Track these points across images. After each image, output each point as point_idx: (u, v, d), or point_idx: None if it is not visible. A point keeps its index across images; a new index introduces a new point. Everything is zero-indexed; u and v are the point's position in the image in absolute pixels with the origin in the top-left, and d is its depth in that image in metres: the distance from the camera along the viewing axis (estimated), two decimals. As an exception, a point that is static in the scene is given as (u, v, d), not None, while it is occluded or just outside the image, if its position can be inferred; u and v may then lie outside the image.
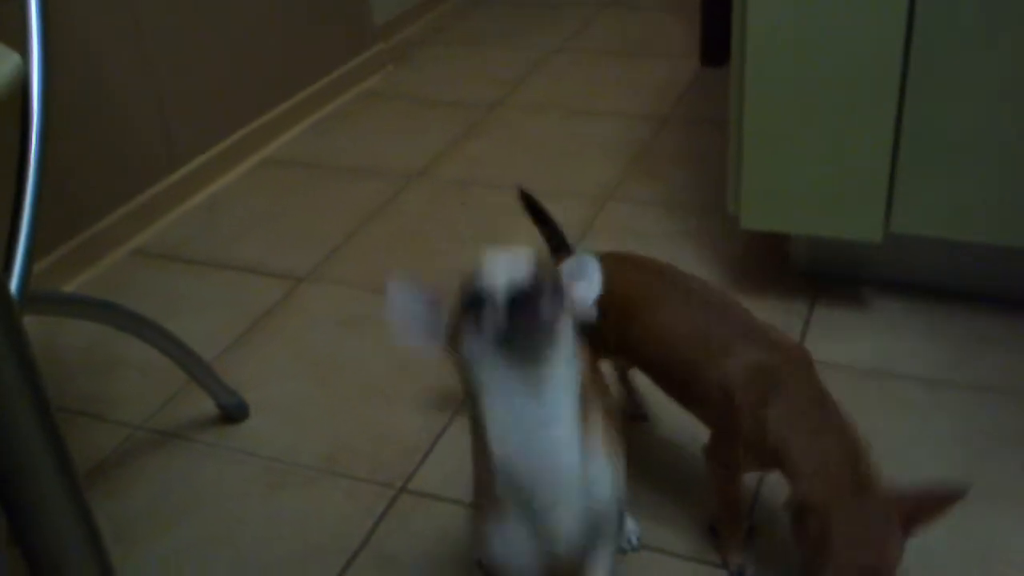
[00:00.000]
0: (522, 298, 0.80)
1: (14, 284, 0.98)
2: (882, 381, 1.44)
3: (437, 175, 2.15)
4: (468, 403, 0.89)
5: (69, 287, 1.81)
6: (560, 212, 1.36)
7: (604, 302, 0.90)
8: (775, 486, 1.18)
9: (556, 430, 0.85)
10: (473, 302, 0.82)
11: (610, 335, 1.15)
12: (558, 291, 0.84)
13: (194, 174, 2.11)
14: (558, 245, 1.31)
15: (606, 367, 1.25)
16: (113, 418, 1.49)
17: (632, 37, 2.87)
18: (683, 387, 1.14)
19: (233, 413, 1.46)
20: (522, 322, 0.81)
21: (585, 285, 0.89)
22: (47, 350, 1.64)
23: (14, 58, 1.08)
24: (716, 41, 2.44)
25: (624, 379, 1.38)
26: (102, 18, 1.86)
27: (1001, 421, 1.35)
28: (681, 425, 1.29)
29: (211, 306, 1.74)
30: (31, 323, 0.65)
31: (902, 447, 1.32)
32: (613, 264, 0.98)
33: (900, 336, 1.52)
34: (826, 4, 1.36)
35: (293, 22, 2.39)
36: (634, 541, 1.21)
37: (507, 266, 0.83)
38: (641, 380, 1.30)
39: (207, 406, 1.46)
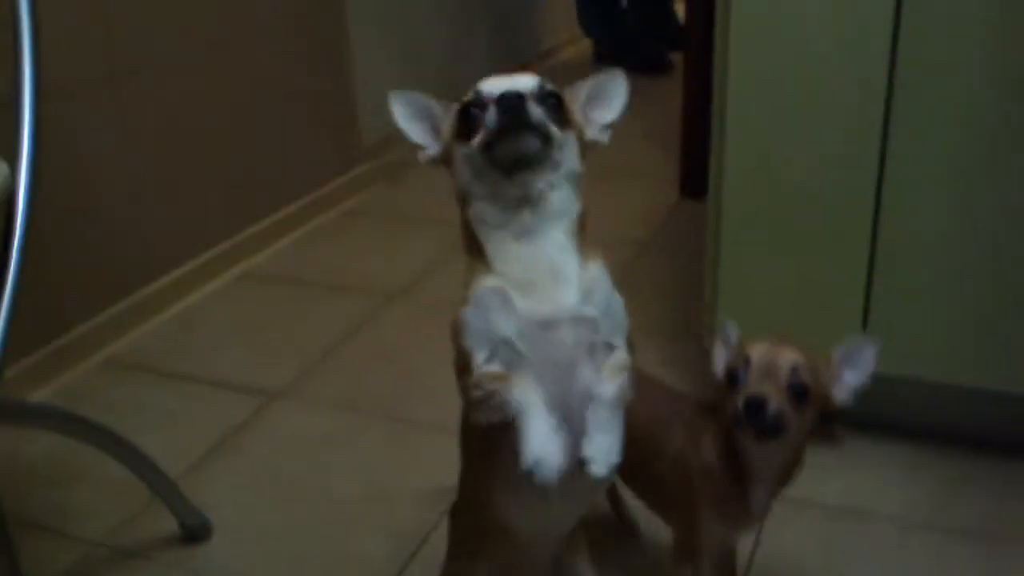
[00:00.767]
0: (513, 99, 0.83)
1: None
2: (854, 522, 1.42)
3: (419, 294, 2.16)
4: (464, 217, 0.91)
5: (37, 395, 1.78)
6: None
7: None
8: None
9: (552, 236, 0.88)
10: (467, 106, 0.87)
11: None
12: (556, 102, 0.88)
13: (172, 285, 2.11)
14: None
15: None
16: (72, 533, 1.45)
17: (614, 164, 2.92)
18: (640, 467, 1.07)
19: (196, 533, 1.42)
20: (511, 122, 0.83)
21: (605, 104, 0.94)
22: (8, 458, 1.61)
23: (2, 168, 1.09)
24: (695, 174, 2.50)
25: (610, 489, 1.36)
26: (91, 131, 1.89)
27: (978, 566, 1.33)
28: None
29: (180, 420, 1.72)
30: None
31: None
32: None
33: (873, 476, 1.51)
34: (800, 146, 1.40)
35: (282, 139, 2.43)
36: None
37: (507, 81, 0.87)
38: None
39: (169, 524, 1.42)
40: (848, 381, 1.00)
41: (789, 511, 1.43)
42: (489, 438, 0.90)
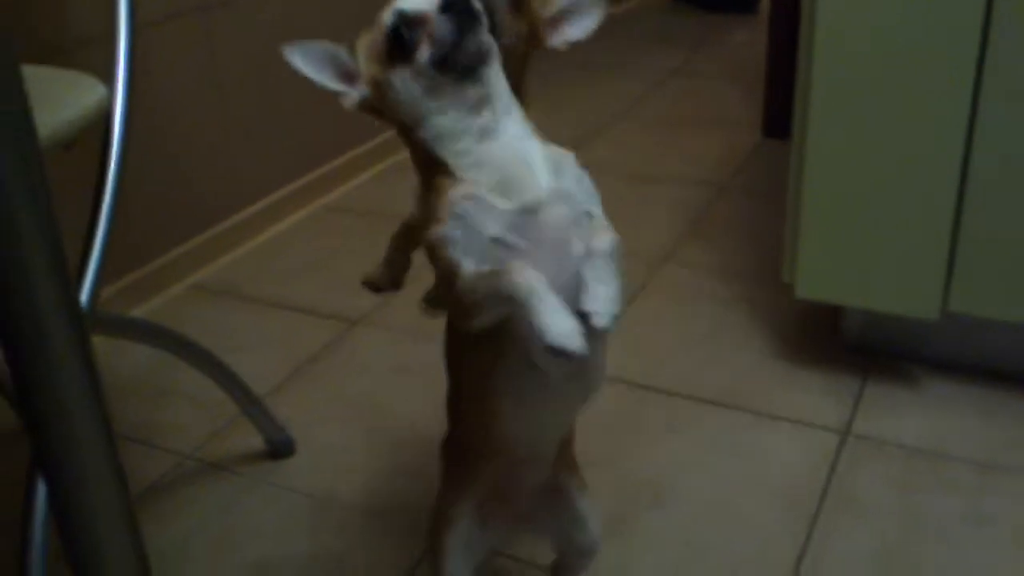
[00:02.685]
0: (461, 2, 0.82)
1: (83, 300, 1.02)
2: (932, 461, 1.41)
3: (494, 230, 2.18)
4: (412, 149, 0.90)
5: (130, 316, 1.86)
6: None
7: None
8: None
9: (510, 128, 0.87)
10: (395, 30, 0.84)
11: None
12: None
13: (258, 215, 2.17)
14: None
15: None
16: (162, 446, 1.52)
17: (696, 106, 2.89)
18: None
19: (279, 449, 1.48)
20: (465, 25, 0.82)
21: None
22: (101, 375, 1.68)
23: (101, 89, 1.13)
24: (779, 113, 2.46)
25: None
26: (181, 59, 1.94)
27: (1056, 511, 1.32)
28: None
29: (265, 344, 1.78)
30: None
31: (947, 528, 1.29)
32: None
33: (952, 417, 1.50)
34: (890, 80, 1.37)
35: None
36: None
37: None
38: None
39: (254, 440, 1.48)
40: (567, 32, 0.97)
41: (866, 449, 1.44)
42: (484, 344, 0.88)
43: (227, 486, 1.44)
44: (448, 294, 0.87)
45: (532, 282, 0.80)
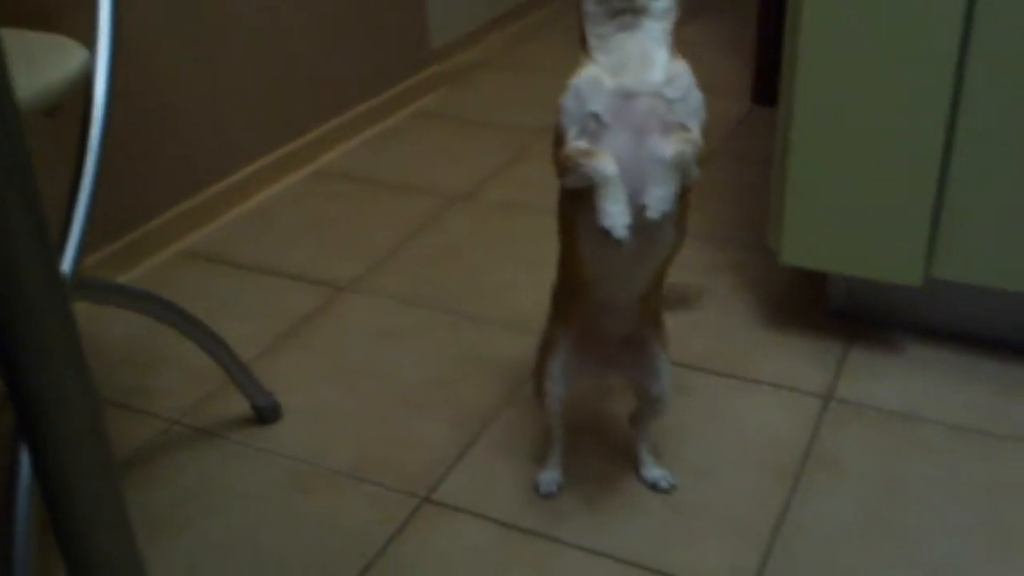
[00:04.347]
0: None
1: (66, 266, 1.02)
2: (911, 425, 1.43)
3: (483, 196, 2.18)
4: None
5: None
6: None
7: None
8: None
9: (649, 30, 1.07)
10: None
11: None
12: None
13: (247, 180, 2.16)
14: None
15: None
16: (149, 411, 1.53)
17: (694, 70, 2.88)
18: None
19: (266, 415, 1.49)
20: None
21: None
22: (89, 341, 1.69)
23: (82, 52, 1.12)
24: (768, 81, 2.45)
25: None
26: (167, 23, 1.92)
27: (1022, 471, 1.34)
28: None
29: (252, 310, 1.78)
30: (76, 311, 0.68)
31: (925, 489, 1.31)
32: None
33: (931, 381, 1.51)
34: (875, 48, 1.37)
35: (352, 40, 2.44)
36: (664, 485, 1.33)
37: None
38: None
39: (241, 406, 1.49)
40: None
41: (848, 413, 1.45)
42: (575, 201, 1.08)
43: (214, 451, 1.45)
44: (554, 152, 1.08)
45: (607, 171, 1.02)
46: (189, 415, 1.52)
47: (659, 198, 1.02)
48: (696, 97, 1.08)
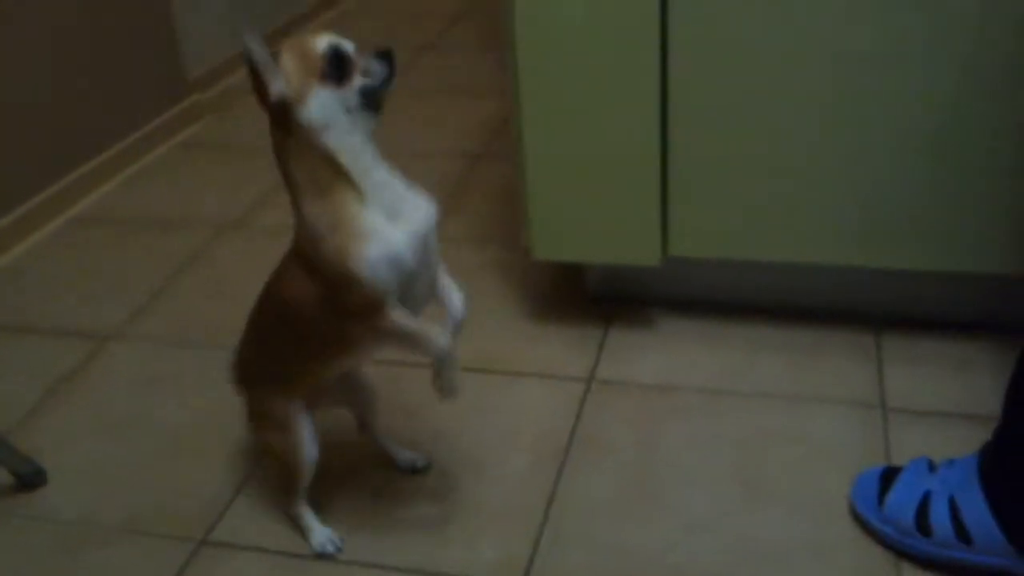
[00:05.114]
0: (391, 56, 1.09)
1: None
2: (666, 395, 1.53)
3: (252, 223, 2.16)
4: (305, 152, 1.07)
5: None
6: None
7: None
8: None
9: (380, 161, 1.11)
10: (334, 57, 1.05)
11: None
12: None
13: (-4, 237, 2.06)
14: None
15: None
16: (-99, 496, 1.44)
17: (450, 78, 2.94)
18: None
19: (30, 481, 1.43)
20: (392, 73, 1.08)
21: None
22: None
23: None
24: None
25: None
26: None
27: (773, 424, 1.45)
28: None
29: (11, 371, 1.71)
30: None
31: (680, 453, 1.41)
32: None
33: (683, 351, 1.62)
34: (587, 48, 1.45)
35: (100, 78, 2.36)
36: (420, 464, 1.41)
37: (338, 38, 1.08)
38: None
39: (2, 475, 1.43)
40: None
41: (609, 392, 1.54)
42: (358, 320, 1.11)
43: (-23, 526, 1.38)
44: (365, 318, 1.09)
45: (444, 345, 1.12)
46: (-54, 494, 1.44)
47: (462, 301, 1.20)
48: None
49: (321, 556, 1.28)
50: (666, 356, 1.61)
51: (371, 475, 1.41)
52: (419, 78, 2.95)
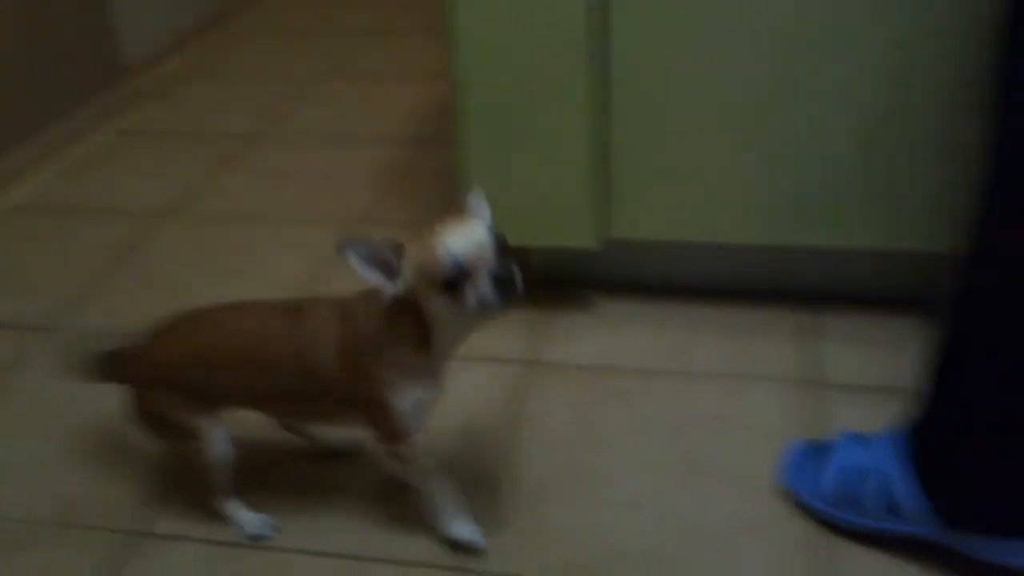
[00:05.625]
0: (507, 278, 1.05)
1: None
2: (604, 376, 1.53)
3: (189, 211, 2.12)
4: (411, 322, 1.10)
5: None
6: (312, 237, 1.38)
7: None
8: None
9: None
10: (453, 272, 1.04)
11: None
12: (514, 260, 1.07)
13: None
14: None
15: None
16: None
17: (397, 61, 2.92)
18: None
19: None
20: (506, 296, 1.05)
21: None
22: None
23: None
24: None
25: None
26: None
27: (712, 403, 1.47)
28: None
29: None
30: None
31: (616, 433, 1.42)
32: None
33: (624, 333, 1.63)
34: (524, 37, 1.44)
35: (30, 64, 2.30)
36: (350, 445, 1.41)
37: (475, 239, 1.06)
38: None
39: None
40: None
41: (549, 376, 1.54)
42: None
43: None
44: (390, 440, 1.18)
45: (437, 488, 1.22)
46: None
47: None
48: None
49: (259, 540, 1.27)
50: (607, 338, 1.62)
51: (303, 464, 1.40)
52: (366, 62, 2.93)
